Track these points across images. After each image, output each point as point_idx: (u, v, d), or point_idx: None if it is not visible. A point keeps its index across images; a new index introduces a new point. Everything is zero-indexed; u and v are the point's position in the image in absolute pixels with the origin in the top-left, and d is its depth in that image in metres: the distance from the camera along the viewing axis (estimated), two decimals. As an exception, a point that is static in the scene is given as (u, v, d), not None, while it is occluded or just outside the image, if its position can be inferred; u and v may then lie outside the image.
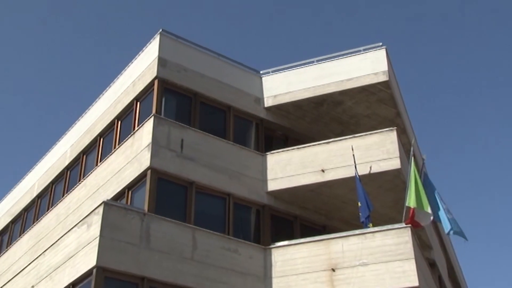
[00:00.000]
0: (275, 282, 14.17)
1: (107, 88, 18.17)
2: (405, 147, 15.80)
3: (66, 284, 12.99)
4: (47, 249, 14.63)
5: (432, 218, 13.94)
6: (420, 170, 14.80)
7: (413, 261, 13.13)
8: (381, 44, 16.68)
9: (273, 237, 15.24)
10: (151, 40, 16.42)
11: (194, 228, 13.96)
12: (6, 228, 22.48)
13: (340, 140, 15.71)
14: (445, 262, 22.20)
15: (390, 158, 14.94)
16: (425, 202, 13.79)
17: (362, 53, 16.74)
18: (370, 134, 15.53)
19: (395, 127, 15.68)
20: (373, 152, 15.13)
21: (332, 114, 17.30)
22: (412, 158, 14.42)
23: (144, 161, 14.37)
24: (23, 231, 20.80)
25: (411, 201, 13.72)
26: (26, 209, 21.34)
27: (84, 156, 18.29)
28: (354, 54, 16.81)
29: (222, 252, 14.02)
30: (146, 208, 13.66)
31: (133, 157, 14.93)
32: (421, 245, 15.64)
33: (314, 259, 13.97)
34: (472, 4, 63.62)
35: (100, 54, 64.60)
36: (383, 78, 16.16)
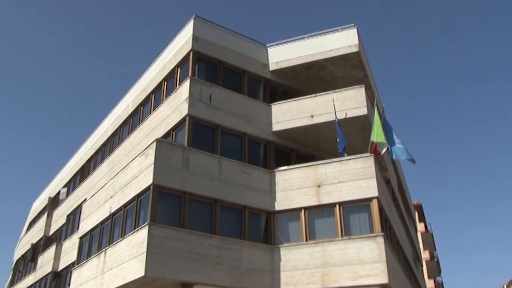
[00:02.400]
0: (278, 195, 14.10)
1: (156, 59, 17.64)
2: (371, 99, 15.40)
3: (133, 195, 13.06)
4: (119, 172, 14.64)
5: (387, 148, 13.76)
6: (381, 116, 14.46)
7: (375, 180, 13.04)
8: (353, 24, 16.09)
9: (276, 164, 15.06)
10: (187, 23, 15.77)
11: (220, 158, 13.81)
12: (91, 158, 22.56)
13: (324, 94, 15.30)
14: (396, 180, 22.13)
15: (360, 107, 14.59)
16: (383, 138, 13.58)
17: (340, 31, 16.11)
18: (346, 90, 15.11)
19: (363, 85, 15.25)
20: (348, 103, 14.76)
21: (318, 75, 16.77)
22: (376, 107, 14.10)
23: (183, 110, 14.09)
24: (102, 159, 20.83)
25: (374, 137, 13.62)
26: (104, 144, 21.28)
27: (142, 108, 17.98)
28: (334, 32, 16.17)
29: (240, 174, 13.92)
30: (186, 143, 13.48)
31: (175, 107, 14.63)
32: (380, 168, 15.42)
33: (305, 179, 13.89)
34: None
35: (149, 35, 63.16)
36: (355, 49, 15.62)
